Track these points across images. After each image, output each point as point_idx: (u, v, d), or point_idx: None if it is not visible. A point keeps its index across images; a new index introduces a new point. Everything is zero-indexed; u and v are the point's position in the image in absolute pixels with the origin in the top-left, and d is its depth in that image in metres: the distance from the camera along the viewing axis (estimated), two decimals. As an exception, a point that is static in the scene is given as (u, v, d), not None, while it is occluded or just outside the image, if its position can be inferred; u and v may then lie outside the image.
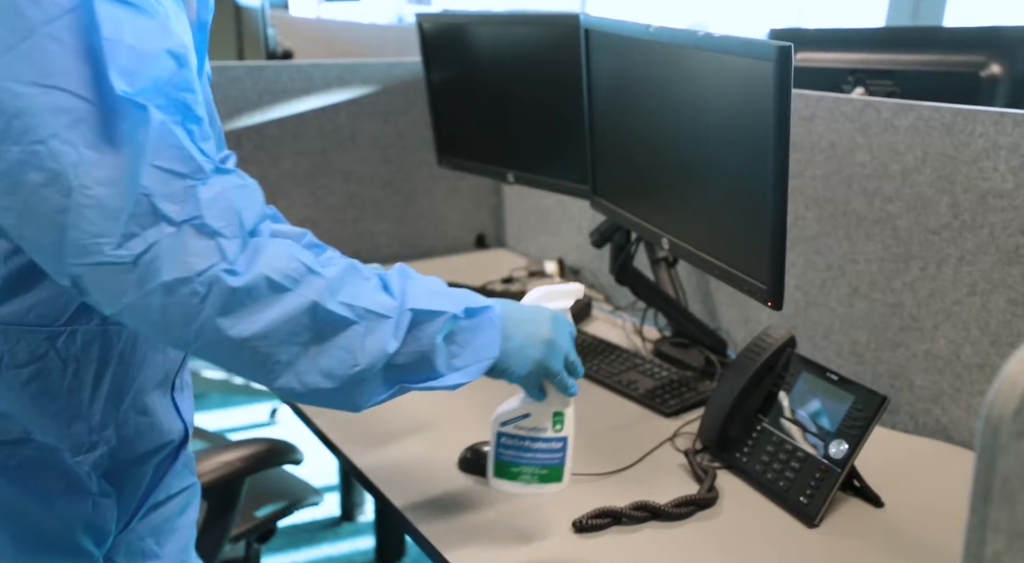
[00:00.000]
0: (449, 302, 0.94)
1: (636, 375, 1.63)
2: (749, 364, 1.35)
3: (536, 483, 1.12)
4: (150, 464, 1.04)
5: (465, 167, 2.01)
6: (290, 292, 0.83)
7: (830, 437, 1.23)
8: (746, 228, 1.24)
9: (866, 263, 1.51)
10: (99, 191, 0.76)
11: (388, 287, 0.91)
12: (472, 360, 0.95)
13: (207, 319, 0.80)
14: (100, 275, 0.77)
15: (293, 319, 0.83)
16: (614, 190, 1.58)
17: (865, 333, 1.54)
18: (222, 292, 0.80)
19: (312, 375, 0.86)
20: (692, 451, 1.36)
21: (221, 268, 0.80)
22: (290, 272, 0.83)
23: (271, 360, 0.84)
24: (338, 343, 0.86)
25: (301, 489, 1.81)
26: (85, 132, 0.75)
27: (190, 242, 0.78)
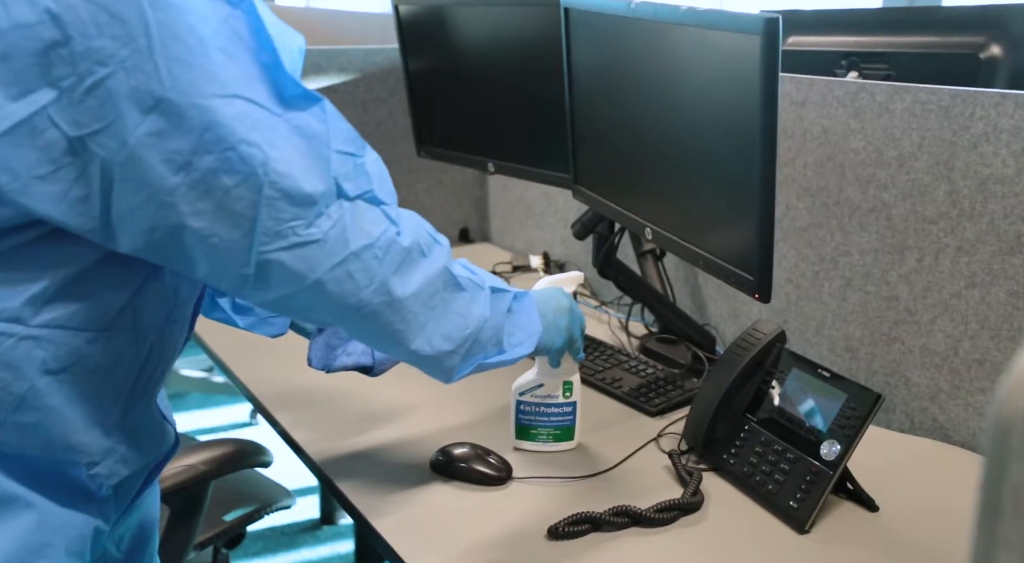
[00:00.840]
0: (497, 282, 1.08)
1: (620, 372, 1.56)
2: (737, 360, 1.28)
3: (552, 441, 1.32)
4: (146, 470, 1.00)
5: (444, 157, 1.94)
6: (431, 254, 0.96)
7: (822, 437, 1.16)
8: (733, 216, 1.17)
9: (860, 255, 1.44)
10: (286, 183, 0.83)
11: (463, 263, 1.04)
12: (525, 337, 1.10)
13: (384, 278, 0.91)
14: (292, 256, 0.85)
15: (434, 279, 0.96)
16: (596, 178, 1.50)
17: (859, 328, 1.47)
18: (397, 252, 0.92)
19: (437, 338, 0.99)
20: (677, 452, 1.29)
21: (393, 231, 0.92)
22: (426, 238, 0.97)
23: (416, 321, 0.96)
24: (454, 307, 0.99)
25: (273, 492, 1.74)
26: (267, 133, 0.82)
27: (365, 212, 0.89)
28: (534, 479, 1.25)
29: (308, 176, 0.84)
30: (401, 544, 1.11)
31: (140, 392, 0.93)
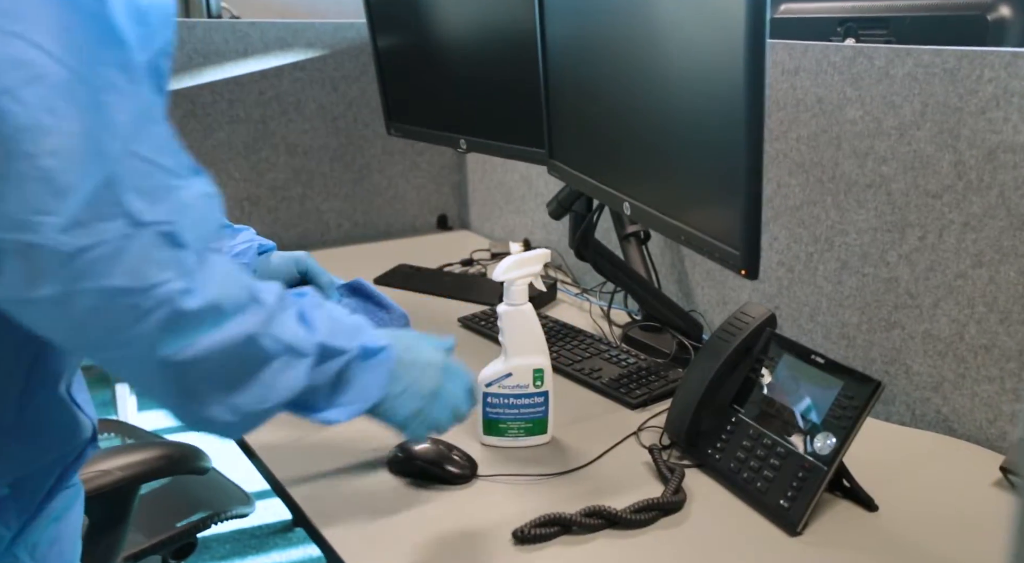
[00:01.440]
0: (350, 337, 0.88)
1: (600, 362, 1.45)
2: (723, 347, 1.17)
3: (523, 436, 1.21)
4: (57, 467, 0.90)
5: (415, 134, 1.83)
6: (232, 320, 0.74)
7: (816, 430, 1.05)
8: (717, 187, 1.06)
9: (857, 234, 1.33)
10: (49, 163, 0.65)
11: (305, 317, 0.84)
12: (355, 399, 0.89)
13: (142, 335, 0.70)
14: (26, 256, 0.66)
15: (228, 349, 0.75)
16: (572, 153, 1.39)
17: (856, 313, 1.36)
18: (171, 312, 0.70)
19: (218, 409, 0.78)
20: (657, 447, 1.18)
21: (178, 287, 0.70)
22: (236, 298, 0.75)
23: (190, 388, 0.75)
24: (258, 378, 0.79)
25: (230, 496, 1.63)
26: (45, 93, 0.65)
27: (152, 250, 0.69)
28: (501, 477, 1.14)
29: (78, 165, 0.66)
30: (352, 553, 1.00)
31: (37, 386, 0.82)
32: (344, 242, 2.17)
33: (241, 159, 2.00)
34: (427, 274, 1.92)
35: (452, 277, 1.92)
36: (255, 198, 2.03)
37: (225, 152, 1.97)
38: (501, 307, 1.20)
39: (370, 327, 0.93)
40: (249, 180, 2.02)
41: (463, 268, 1.99)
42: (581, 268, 1.91)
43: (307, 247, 2.11)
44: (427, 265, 1.96)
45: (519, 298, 1.19)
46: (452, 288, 1.84)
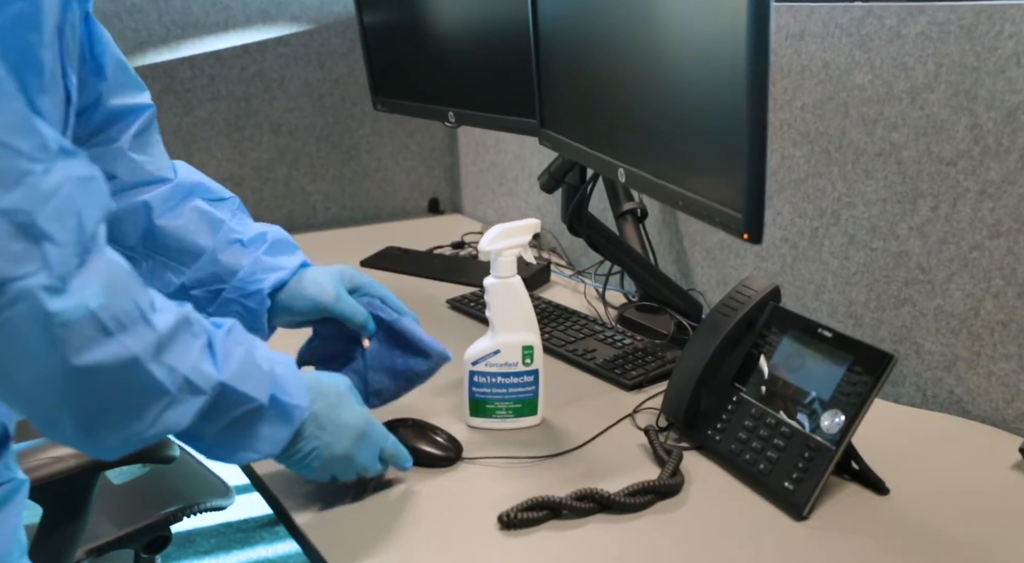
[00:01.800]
0: (262, 385, 0.83)
1: (594, 343, 1.38)
2: (723, 322, 1.10)
3: (512, 417, 1.14)
4: None
5: (402, 108, 1.76)
6: (112, 338, 0.67)
7: (823, 407, 0.98)
8: (717, 147, 0.99)
9: (865, 206, 1.26)
10: None
11: (214, 351, 0.78)
12: (246, 448, 0.85)
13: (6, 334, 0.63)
14: None
15: (112, 370, 0.68)
16: (564, 120, 1.32)
17: (864, 290, 1.29)
18: (31, 312, 0.63)
19: (83, 437, 0.72)
20: (654, 429, 1.11)
21: (40, 282, 0.63)
22: (121, 314, 0.68)
23: (43, 409, 0.69)
24: (139, 412, 0.72)
25: (208, 488, 1.56)
26: None
27: (4, 240, 0.61)
28: (487, 459, 1.07)
29: None
30: (326, 541, 0.93)
31: None
32: (331, 225, 2.10)
33: (223, 137, 1.92)
34: (415, 256, 1.85)
35: (441, 259, 1.85)
36: (238, 178, 1.96)
37: (206, 130, 1.90)
38: (488, 280, 1.13)
39: (295, 377, 0.87)
40: (232, 160, 1.95)
41: (454, 250, 1.92)
42: (576, 250, 1.84)
43: (293, 230, 2.02)
44: (416, 246, 1.89)
45: (507, 270, 1.12)
46: (441, 270, 1.77)
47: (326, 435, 0.91)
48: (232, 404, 0.81)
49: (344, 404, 0.94)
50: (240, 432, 0.83)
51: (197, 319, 0.78)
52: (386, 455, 0.99)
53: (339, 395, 0.94)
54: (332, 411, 0.92)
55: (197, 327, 0.78)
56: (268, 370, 0.84)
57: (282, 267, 1.05)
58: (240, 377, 0.80)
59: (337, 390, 0.94)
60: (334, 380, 0.95)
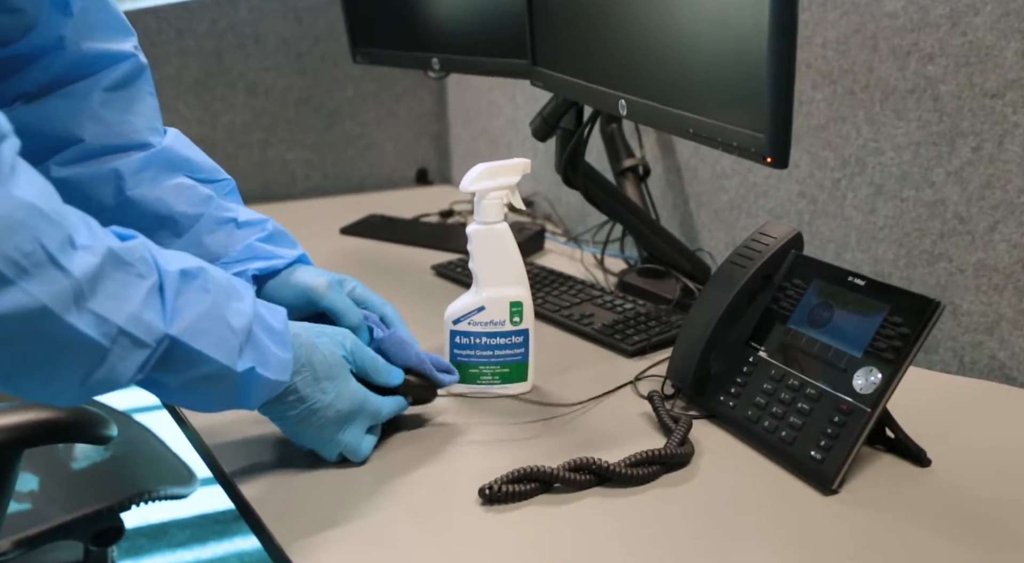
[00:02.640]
0: (227, 345, 0.71)
1: (592, 308, 1.25)
2: (738, 274, 0.97)
3: (499, 383, 1.02)
4: None
5: (382, 59, 1.62)
6: (13, 286, 0.57)
7: (855, 365, 0.84)
8: (734, 60, 0.85)
9: (895, 151, 1.13)
10: None
11: (164, 295, 0.67)
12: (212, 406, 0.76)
13: None
14: None
15: (15, 319, 0.58)
16: (558, 55, 1.18)
17: (892, 246, 1.16)
18: None
19: (4, 384, 0.63)
20: (659, 395, 0.97)
21: None
22: (20, 258, 0.58)
23: None
24: (63, 364, 0.63)
25: (168, 474, 1.42)
26: None
27: None
28: (470, 426, 0.94)
29: None
30: (284, 528, 0.79)
31: None
32: (312, 195, 1.96)
33: (192, 96, 1.79)
34: (400, 224, 1.72)
35: (428, 227, 1.71)
36: (209, 141, 1.83)
37: (173, 88, 1.76)
38: (471, 227, 1.00)
39: (279, 343, 0.76)
40: (202, 122, 1.82)
41: (441, 218, 1.78)
42: (572, 217, 1.71)
43: (271, 199, 1.91)
44: (401, 214, 1.76)
45: (492, 215, 0.99)
46: (427, 237, 1.64)
47: (307, 409, 0.81)
48: (187, 363, 0.69)
49: (334, 379, 0.82)
50: (205, 391, 0.73)
51: (143, 256, 0.66)
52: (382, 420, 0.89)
53: (330, 368, 0.82)
54: (316, 387, 0.80)
55: (142, 266, 0.65)
56: (242, 329, 0.72)
57: (278, 256, 0.92)
58: (196, 333, 0.68)
59: (328, 364, 0.82)
60: (329, 349, 0.82)
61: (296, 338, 0.79)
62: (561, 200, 1.75)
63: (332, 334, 0.84)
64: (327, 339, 0.83)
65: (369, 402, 0.85)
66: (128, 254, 0.65)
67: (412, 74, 2.00)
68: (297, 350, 0.78)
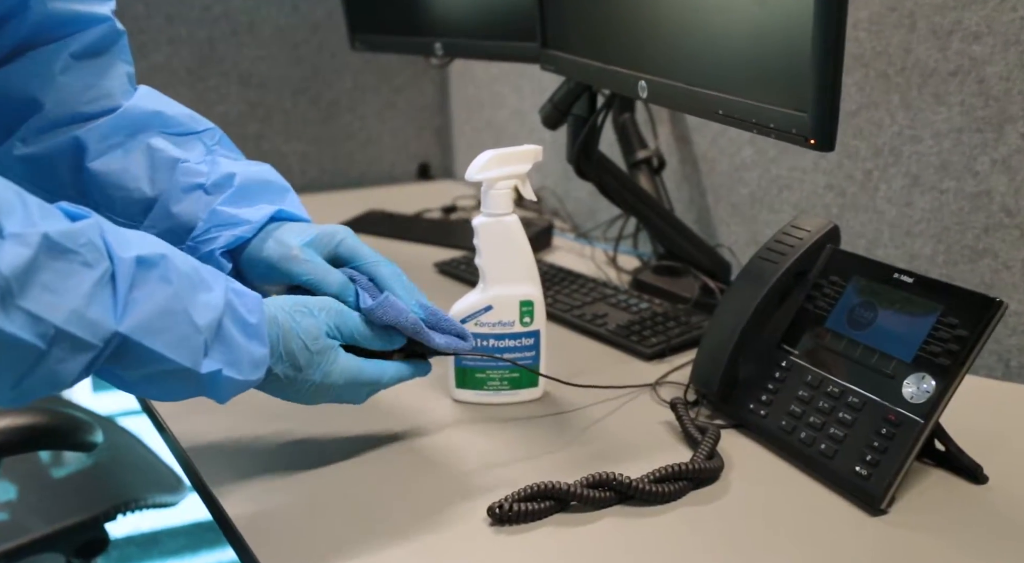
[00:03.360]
0: (189, 344, 0.63)
1: (605, 308, 1.17)
2: (769, 270, 0.89)
3: (507, 389, 0.94)
4: None
5: (383, 45, 1.54)
6: None
7: (904, 371, 0.76)
8: (769, 27, 0.77)
9: (934, 139, 1.05)
10: None
11: (116, 284, 0.59)
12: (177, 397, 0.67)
13: None
14: None
15: None
16: (570, 35, 1.10)
17: (930, 241, 1.07)
18: None
19: None
20: (683, 402, 0.89)
21: None
22: None
23: None
24: None
25: (154, 482, 1.34)
26: None
27: None
28: (475, 424, 0.86)
29: None
30: (259, 539, 0.71)
31: None
32: (309, 191, 1.89)
33: (183, 87, 1.71)
34: (401, 220, 1.64)
35: (430, 223, 1.63)
36: (202, 134, 1.75)
37: (164, 77, 1.68)
38: (477, 219, 0.92)
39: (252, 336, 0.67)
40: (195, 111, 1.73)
41: (444, 214, 1.70)
42: (581, 212, 1.63)
43: (266, 195, 1.83)
44: (402, 210, 1.68)
45: (501, 206, 0.91)
46: (429, 233, 1.56)
47: (294, 390, 0.73)
48: (142, 361, 0.61)
49: (319, 363, 0.73)
50: (166, 385, 0.65)
51: (91, 241, 0.58)
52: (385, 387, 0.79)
53: (312, 354, 0.72)
54: (299, 374, 0.72)
55: (89, 253, 0.57)
56: (208, 326, 0.63)
57: (243, 221, 0.81)
58: (152, 330, 0.60)
59: (309, 350, 0.72)
60: (310, 332, 0.72)
61: (272, 325, 0.70)
62: (570, 194, 1.67)
63: (314, 308, 0.74)
64: (308, 318, 0.72)
65: (364, 374, 0.76)
66: (72, 239, 0.56)
67: (413, 64, 1.92)
68: (272, 339, 0.69)
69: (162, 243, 0.64)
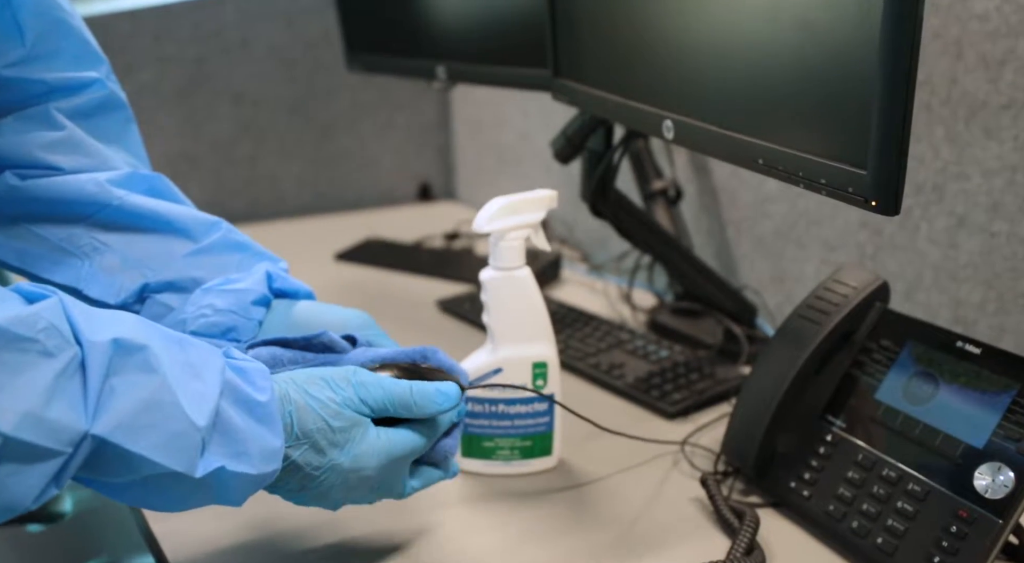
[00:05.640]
0: (182, 444, 0.52)
1: (622, 356, 1.08)
2: (809, 331, 0.80)
3: (518, 459, 0.85)
4: None
5: (382, 66, 1.45)
6: None
7: (975, 458, 0.67)
8: (823, 64, 0.68)
9: (983, 177, 0.96)
10: None
11: (86, 382, 0.49)
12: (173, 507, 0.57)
13: None
14: None
15: None
16: (586, 64, 1.01)
17: (979, 287, 0.98)
18: None
19: None
20: (714, 478, 0.80)
21: None
22: None
23: None
24: None
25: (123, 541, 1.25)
26: None
27: None
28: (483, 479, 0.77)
29: None
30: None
31: None
32: (304, 214, 1.80)
33: (173, 108, 1.62)
34: (401, 250, 1.55)
35: (431, 253, 1.54)
36: (192, 156, 1.66)
37: (151, 97, 1.59)
38: (486, 273, 0.83)
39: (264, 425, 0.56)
40: (184, 133, 1.65)
41: (447, 242, 1.61)
42: (591, 240, 1.54)
43: (259, 219, 1.75)
44: (404, 239, 1.59)
45: (512, 259, 0.82)
46: (431, 264, 1.47)
47: (318, 487, 0.62)
48: (125, 467, 0.51)
49: (344, 443, 0.61)
50: (163, 492, 0.55)
51: (51, 325, 0.49)
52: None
53: (336, 433, 0.61)
54: (323, 458, 0.60)
55: (50, 339, 0.48)
56: (204, 418, 0.53)
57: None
58: (134, 430, 0.50)
59: (331, 429, 0.60)
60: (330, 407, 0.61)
61: (283, 402, 0.59)
62: (579, 222, 1.58)
63: (332, 380, 0.62)
64: (325, 391, 0.61)
65: (397, 447, 0.64)
66: (27, 325, 0.48)
67: (414, 81, 1.83)
68: (285, 420, 0.59)
69: (143, 322, 0.54)
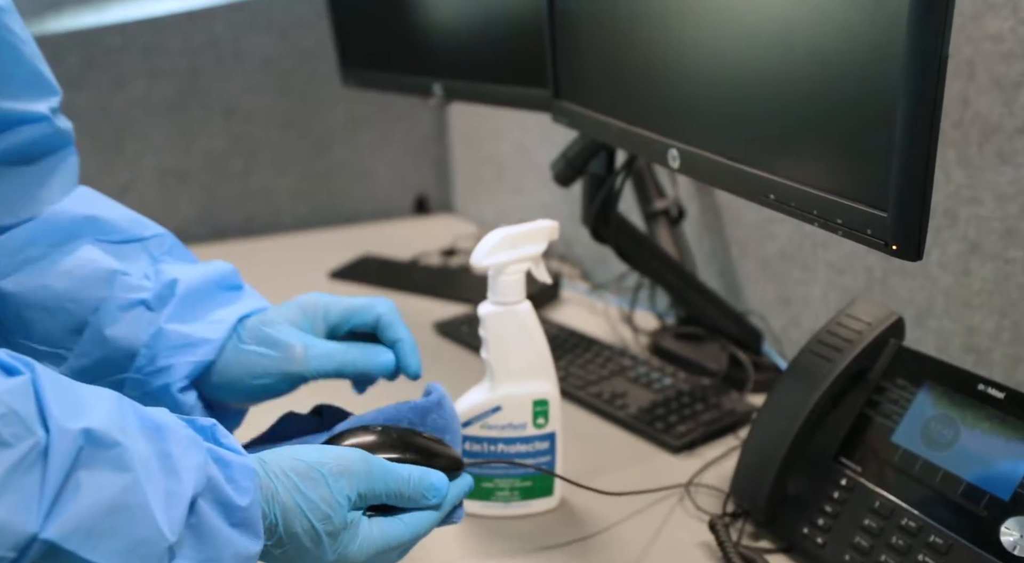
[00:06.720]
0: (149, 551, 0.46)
1: (624, 384, 1.05)
2: (822, 369, 0.77)
3: (518, 500, 0.83)
4: None
5: (376, 82, 1.42)
6: None
7: (1001, 512, 0.64)
8: (842, 95, 0.65)
9: (997, 202, 0.93)
10: None
11: (47, 468, 0.44)
12: None
13: None
14: None
15: None
16: (588, 87, 0.98)
17: (992, 315, 0.96)
18: None
19: None
20: (722, 521, 0.77)
21: None
22: None
23: None
24: None
25: None
26: None
27: None
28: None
29: None
30: None
31: None
32: (299, 229, 1.76)
33: (163, 120, 1.59)
34: (397, 267, 1.52)
35: (428, 271, 1.51)
36: (183, 172, 1.63)
37: (141, 111, 1.56)
38: (484, 307, 0.80)
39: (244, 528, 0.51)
40: (175, 147, 1.61)
41: (444, 259, 1.58)
42: (591, 259, 1.51)
43: (253, 234, 1.71)
44: (400, 256, 1.56)
45: (511, 294, 0.79)
46: (427, 283, 1.44)
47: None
48: None
49: (336, 536, 0.55)
50: None
51: (12, 412, 0.44)
52: None
53: (323, 537, 0.54)
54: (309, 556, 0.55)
55: (8, 427, 0.43)
56: (174, 523, 0.47)
57: (199, 341, 0.67)
58: (91, 536, 0.44)
59: (317, 533, 0.54)
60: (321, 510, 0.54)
61: (269, 503, 0.53)
62: (577, 239, 1.54)
63: (329, 473, 0.55)
64: (319, 488, 0.54)
65: (392, 538, 0.58)
66: None
67: (410, 94, 1.81)
68: (270, 522, 0.53)
69: (123, 406, 0.49)
